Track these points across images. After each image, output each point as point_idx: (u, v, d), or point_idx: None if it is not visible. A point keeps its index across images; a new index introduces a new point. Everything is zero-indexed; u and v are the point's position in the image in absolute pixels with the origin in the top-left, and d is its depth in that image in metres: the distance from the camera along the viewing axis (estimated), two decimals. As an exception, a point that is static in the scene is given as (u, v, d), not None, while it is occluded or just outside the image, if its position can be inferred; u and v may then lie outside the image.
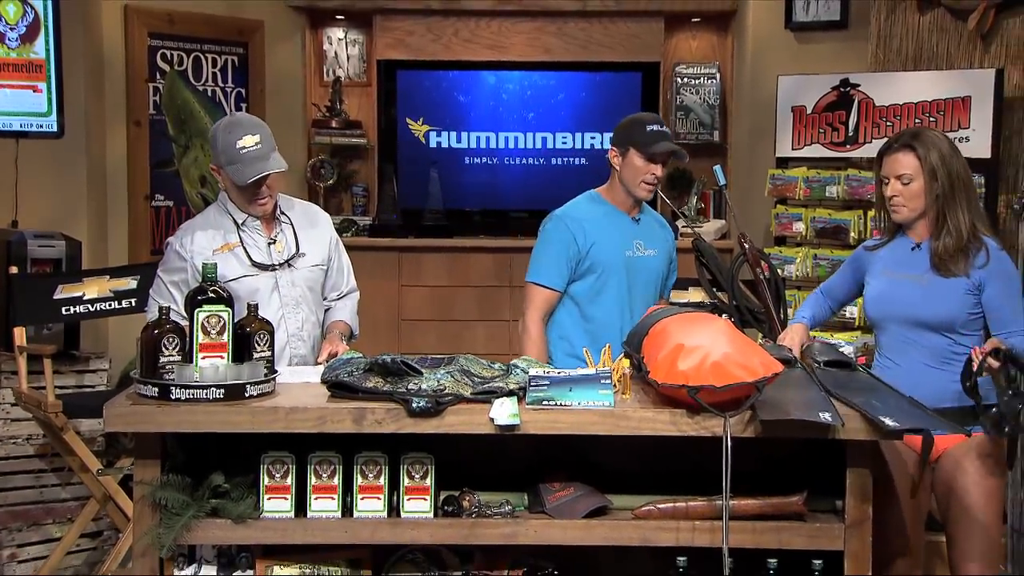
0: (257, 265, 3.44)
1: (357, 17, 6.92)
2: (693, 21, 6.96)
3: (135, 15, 5.89)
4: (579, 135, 6.98)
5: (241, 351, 2.80)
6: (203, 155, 6.29)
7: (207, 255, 3.35)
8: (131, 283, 4.12)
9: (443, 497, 2.87)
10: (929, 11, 5.39)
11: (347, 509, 2.83)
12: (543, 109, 6.99)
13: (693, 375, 2.65)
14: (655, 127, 3.68)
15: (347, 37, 7.03)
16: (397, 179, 6.82)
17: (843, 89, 5.33)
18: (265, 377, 2.79)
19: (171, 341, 2.73)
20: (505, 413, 2.71)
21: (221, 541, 2.83)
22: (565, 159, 7.01)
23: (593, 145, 6.97)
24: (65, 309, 4.08)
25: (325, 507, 2.82)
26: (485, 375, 2.88)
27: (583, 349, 3.25)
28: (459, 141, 6.99)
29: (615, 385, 2.89)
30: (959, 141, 4.97)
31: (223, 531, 2.79)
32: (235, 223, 3.45)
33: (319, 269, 3.60)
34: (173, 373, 2.72)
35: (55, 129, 5.26)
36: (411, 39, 6.85)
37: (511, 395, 2.78)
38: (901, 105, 5.16)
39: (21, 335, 4.07)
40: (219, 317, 2.75)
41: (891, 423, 2.64)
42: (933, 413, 2.85)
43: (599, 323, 3.69)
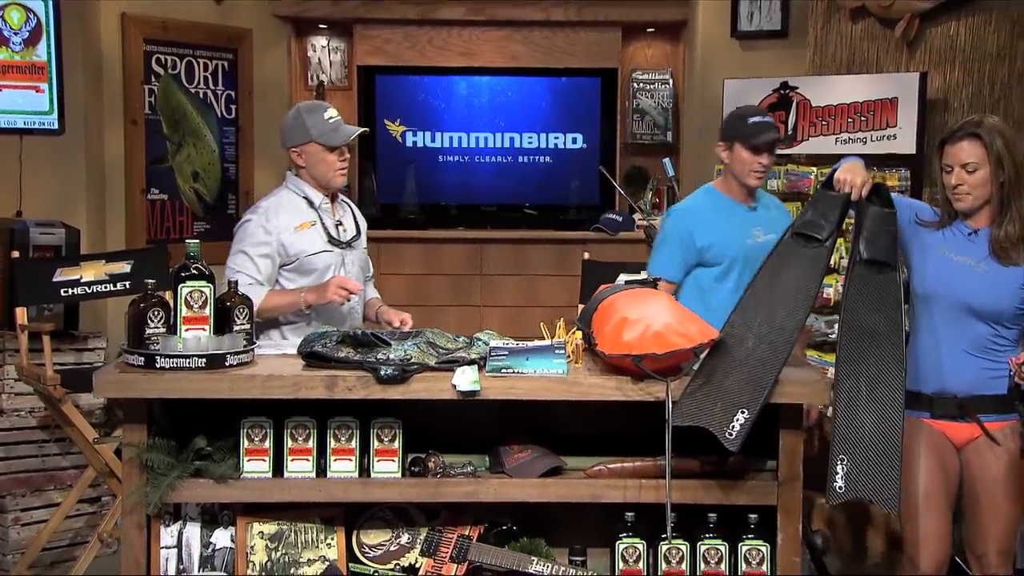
0: (332, 242, 3.49)
1: (339, 26, 6.90)
2: (648, 31, 6.97)
3: (132, 22, 5.83)
4: (544, 135, 6.97)
5: (222, 324, 2.78)
6: (195, 152, 6.24)
7: (290, 231, 3.41)
8: (125, 267, 4.07)
9: (410, 459, 2.86)
10: (861, 20, 5.41)
11: (321, 470, 2.82)
12: (511, 111, 6.99)
13: (636, 344, 2.65)
14: (757, 119, 3.54)
15: (330, 44, 6.99)
16: (376, 176, 6.81)
17: (783, 91, 5.34)
18: (244, 348, 2.77)
19: (156, 314, 2.70)
20: (466, 380, 2.70)
21: (204, 500, 2.82)
22: (531, 157, 7.00)
23: (557, 144, 6.96)
24: (64, 291, 4.03)
25: (301, 468, 2.81)
26: (449, 347, 2.87)
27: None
28: (434, 141, 6.98)
29: (569, 355, 2.89)
30: (886, 139, 5.03)
31: (206, 490, 2.77)
32: (310, 203, 3.48)
33: (365, 252, 3.67)
34: (158, 344, 2.70)
35: (56, 127, 5.22)
36: (389, 47, 6.84)
37: (472, 364, 2.77)
38: (835, 106, 5.18)
39: (22, 315, 4.02)
40: (201, 292, 2.72)
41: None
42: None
43: (724, 310, 3.35)
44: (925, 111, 4.99)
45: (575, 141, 6.93)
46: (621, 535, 2.87)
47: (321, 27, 6.92)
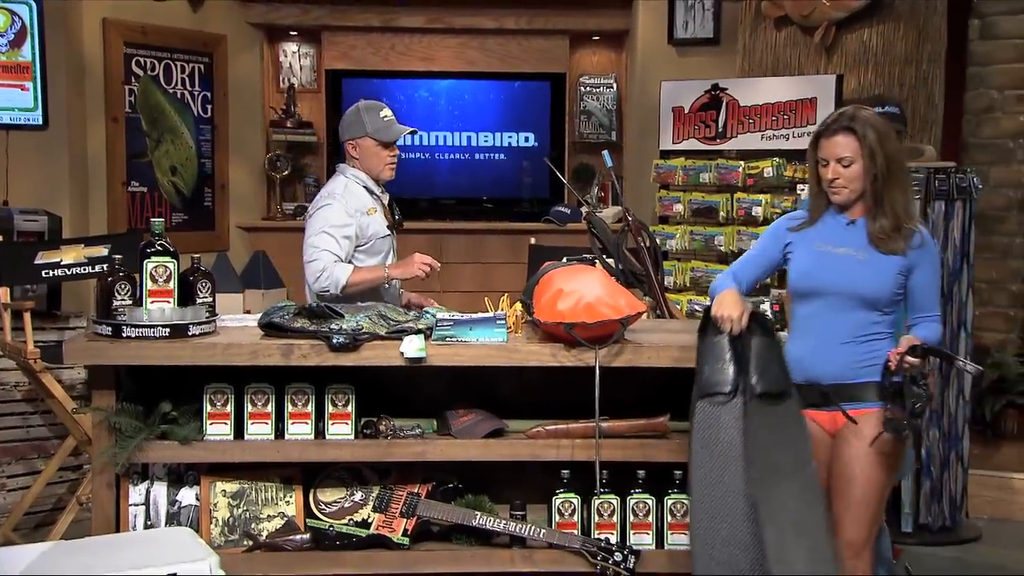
0: (390, 227, 3.56)
1: (308, 33, 6.84)
2: (593, 39, 6.96)
3: (112, 26, 5.72)
4: (498, 134, 6.95)
5: (186, 297, 2.74)
6: (173, 148, 6.15)
7: (363, 214, 3.45)
8: (103, 251, 3.98)
9: (363, 422, 2.85)
10: (784, 28, 5.45)
11: (279, 433, 2.80)
12: (468, 112, 6.95)
13: (569, 314, 2.65)
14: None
15: (300, 50, 6.92)
16: (343, 171, 6.75)
17: (714, 92, 5.36)
18: (206, 319, 2.74)
19: (123, 287, 2.67)
20: (413, 347, 2.69)
21: (170, 460, 2.79)
22: (487, 155, 6.98)
23: (510, 143, 6.94)
24: (44, 272, 3.94)
25: (260, 431, 2.79)
26: (399, 319, 2.86)
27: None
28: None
29: (510, 326, 2.88)
30: (806, 136, 5.05)
31: (171, 451, 2.74)
32: (370, 192, 3.51)
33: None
34: (125, 315, 2.66)
35: (40, 122, 5.16)
36: (355, 52, 6.79)
37: (419, 333, 2.76)
38: (761, 105, 5.20)
39: (5, 294, 3.94)
40: (165, 267, 2.69)
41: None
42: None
43: None
44: (841, 110, 5.02)
45: (527, 140, 6.92)
46: (557, 491, 2.88)
47: (292, 34, 6.85)
